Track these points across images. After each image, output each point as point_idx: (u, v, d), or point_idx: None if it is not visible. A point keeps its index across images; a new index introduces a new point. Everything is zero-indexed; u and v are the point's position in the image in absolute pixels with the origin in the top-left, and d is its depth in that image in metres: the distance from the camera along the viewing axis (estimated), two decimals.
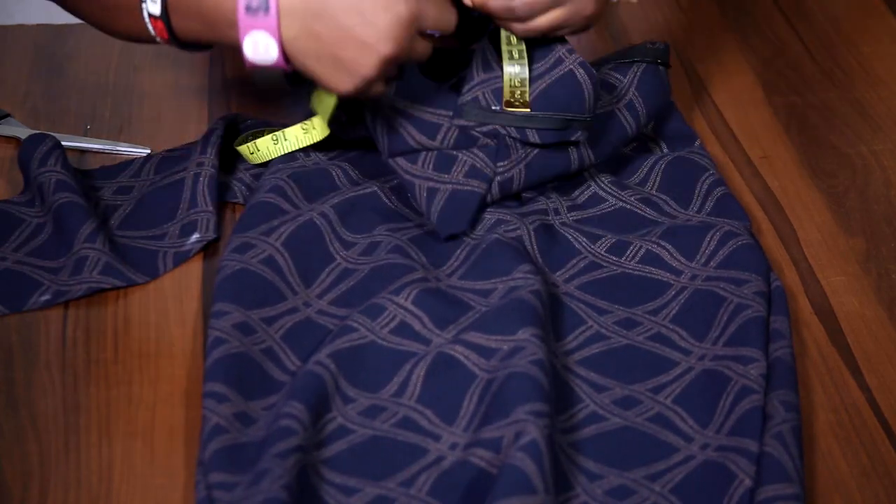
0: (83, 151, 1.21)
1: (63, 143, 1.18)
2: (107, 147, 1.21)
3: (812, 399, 0.99)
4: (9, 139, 1.21)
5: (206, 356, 0.95)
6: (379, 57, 0.98)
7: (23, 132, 1.20)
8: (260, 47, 0.98)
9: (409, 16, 0.97)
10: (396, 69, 1.03)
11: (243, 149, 1.14)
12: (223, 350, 0.95)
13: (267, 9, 0.97)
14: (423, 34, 1.01)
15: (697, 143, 1.21)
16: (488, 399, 0.93)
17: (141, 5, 1.02)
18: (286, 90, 1.26)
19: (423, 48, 1.01)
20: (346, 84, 1.00)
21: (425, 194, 1.08)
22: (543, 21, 1.05)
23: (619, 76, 1.16)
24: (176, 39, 1.03)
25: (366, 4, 0.97)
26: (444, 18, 1.01)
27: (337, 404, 0.93)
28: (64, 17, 1.17)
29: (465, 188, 1.08)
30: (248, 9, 0.97)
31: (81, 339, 1.01)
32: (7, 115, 1.23)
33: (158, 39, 1.04)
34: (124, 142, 1.22)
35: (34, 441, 0.93)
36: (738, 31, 1.43)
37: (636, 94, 1.15)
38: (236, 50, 1.01)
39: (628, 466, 0.92)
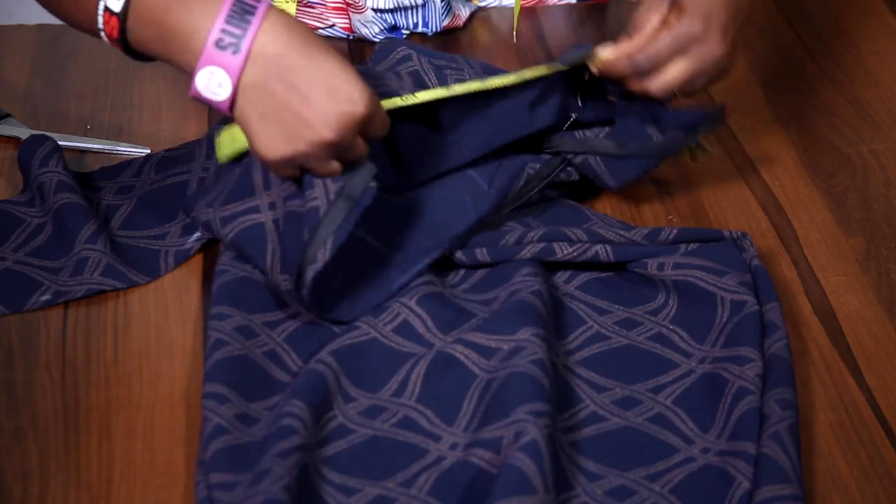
0: (83, 152, 1.21)
1: (63, 143, 1.18)
2: (107, 147, 1.21)
3: (812, 399, 0.99)
4: (9, 139, 1.21)
5: (206, 357, 0.95)
6: (319, 138, 0.94)
7: (23, 132, 1.20)
8: (213, 83, 0.94)
9: (365, 114, 0.95)
10: (326, 160, 0.97)
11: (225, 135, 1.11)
12: (224, 352, 0.95)
13: (237, 50, 0.93)
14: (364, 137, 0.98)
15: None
16: (488, 399, 0.93)
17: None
18: None
19: (358, 150, 0.98)
20: (273, 151, 0.96)
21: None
22: (674, 74, 1.07)
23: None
24: (125, 43, 0.99)
25: (334, 85, 0.94)
26: (382, 129, 0.99)
27: (338, 403, 0.94)
28: None
29: None
30: (219, 43, 0.93)
31: (81, 339, 1.01)
32: (7, 115, 1.23)
33: (104, 36, 0.99)
34: (124, 142, 1.22)
35: (34, 441, 0.93)
36: (738, 31, 1.43)
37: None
38: (180, 71, 0.97)
39: (628, 466, 0.92)
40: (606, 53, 1.09)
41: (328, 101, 0.94)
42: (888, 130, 1.28)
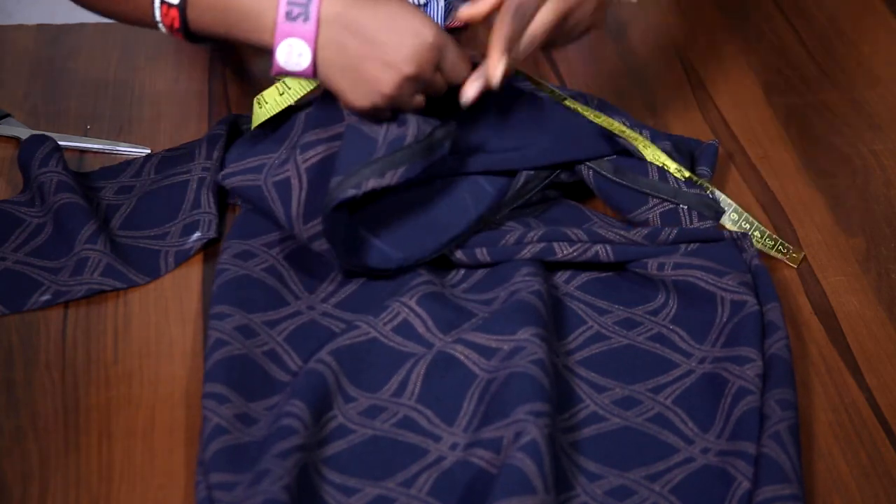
0: (83, 151, 1.21)
1: (63, 143, 1.18)
2: (107, 147, 1.21)
3: (812, 399, 0.99)
4: (9, 139, 1.21)
5: (206, 357, 0.95)
6: (400, 75, 1.00)
7: (23, 132, 1.20)
8: (294, 54, 0.99)
9: (435, 43, 1.00)
10: (412, 95, 1.02)
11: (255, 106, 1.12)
12: (224, 352, 0.95)
13: (307, 17, 0.98)
14: (443, 74, 1.02)
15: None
16: (488, 399, 0.93)
17: None
18: None
19: (440, 84, 1.03)
20: (363, 100, 1.01)
21: None
22: (541, 20, 1.03)
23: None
24: (188, 31, 1.03)
25: (398, 25, 0.99)
26: (460, 65, 1.03)
27: (338, 402, 0.94)
28: (64, 17, 1.17)
29: None
30: (289, 15, 0.98)
31: (81, 339, 1.01)
32: (7, 115, 1.23)
33: (162, 27, 1.04)
34: (124, 142, 1.22)
35: (34, 441, 0.93)
36: (738, 31, 1.43)
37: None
38: (254, 49, 1.02)
39: (628, 466, 0.92)
40: (464, 10, 1.04)
41: (399, 38, 0.99)
42: (888, 130, 1.28)
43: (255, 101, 1.10)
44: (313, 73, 1.01)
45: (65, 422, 0.95)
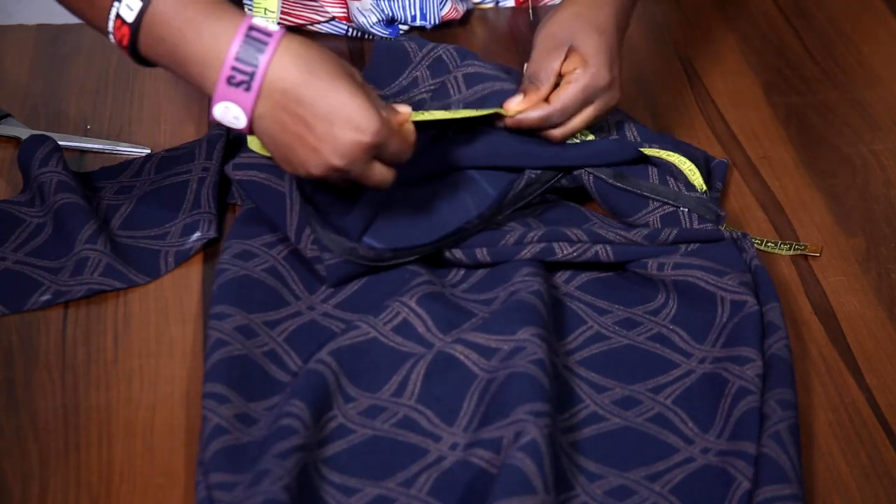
0: (83, 151, 1.21)
1: (63, 143, 1.18)
2: (107, 147, 1.21)
3: (812, 399, 0.99)
4: (9, 139, 1.21)
5: (206, 357, 0.95)
6: (327, 165, 0.97)
7: (23, 132, 1.20)
8: (229, 115, 0.96)
9: (371, 144, 0.97)
10: (341, 180, 1.01)
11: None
12: (224, 352, 0.95)
13: (248, 88, 0.95)
14: (383, 162, 1.00)
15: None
16: (488, 399, 0.93)
17: (113, 2, 0.98)
18: None
19: (381, 174, 1.00)
20: (292, 171, 1.00)
21: None
22: (578, 122, 1.12)
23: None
24: (134, 51, 1.00)
25: (340, 115, 0.96)
26: (401, 153, 1.00)
27: (338, 403, 0.94)
28: (63, 17, 1.17)
29: None
30: (231, 80, 0.95)
31: (81, 339, 1.01)
32: (7, 115, 1.23)
33: (112, 39, 1.00)
34: (124, 142, 1.22)
35: (34, 441, 0.93)
36: (738, 31, 1.43)
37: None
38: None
39: (628, 466, 0.92)
40: (515, 105, 1.11)
41: (333, 130, 0.96)
42: (888, 130, 1.28)
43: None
44: (249, 132, 0.98)
45: (65, 422, 0.95)
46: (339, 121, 0.96)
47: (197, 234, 1.09)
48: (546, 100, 1.11)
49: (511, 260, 1.05)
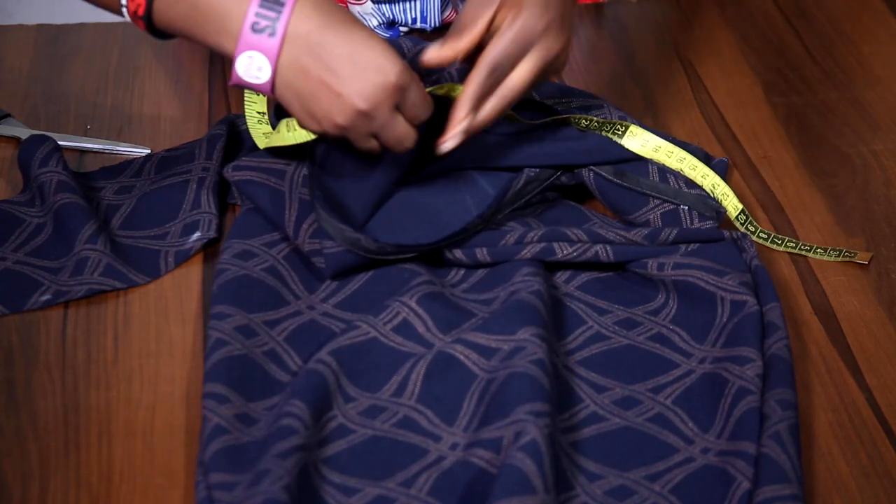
0: (83, 151, 1.21)
1: (63, 143, 1.18)
2: (107, 147, 1.21)
3: (812, 399, 0.99)
4: (9, 139, 1.21)
5: (206, 357, 0.95)
6: (353, 110, 0.96)
7: (23, 132, 1.20)
8: (253, 67, 0.96)
9: (397, 83, 0.96)
10: (366, 133, 0.99)
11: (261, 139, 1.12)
12: (224, 352, 0.95)
13: (273, 32, 0.95)
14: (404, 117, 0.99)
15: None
16: (488, 399, 0.93)
17: None
18: None
19: (403, 128, 0.99)
20: (315, 126, 0.99)
21: None
22: (517, 80, 1.03)
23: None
24: (150, 23, 0.99)
25: (362, 57, 0.95)
26: (422, 106, 0.99)
27: (338, 402, 0.94)
28: (64, 17, 1.17)
29: None
30: (255, 27, 0.95)
31: (81, 339, 1.01)
32: (7, 115, 1.23)
33: (125, 12, 0.99)
34: (124, 142, 1.22)
35: (34, 441, 0.93)
36: (738, 31, 1.43)
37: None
38: (217, 53, 0.99)
39: (628, 466, 0.92)
40: (430, 54, 1.04)
41: (360, 72, 0.95)
42: (888, 130, 1.28)
43: (284, 121, 1.06)
44: (271, 90, 0.98)
45: (65, 422, 0.95)
46: (362, 61, 0.95)
47: (197, 234, 1.09)
48: (474, 58, 1.03)
49: (511, 260, 1.05)
